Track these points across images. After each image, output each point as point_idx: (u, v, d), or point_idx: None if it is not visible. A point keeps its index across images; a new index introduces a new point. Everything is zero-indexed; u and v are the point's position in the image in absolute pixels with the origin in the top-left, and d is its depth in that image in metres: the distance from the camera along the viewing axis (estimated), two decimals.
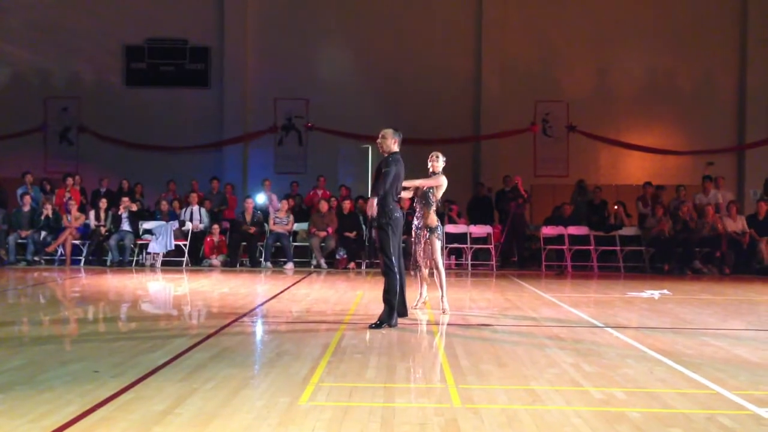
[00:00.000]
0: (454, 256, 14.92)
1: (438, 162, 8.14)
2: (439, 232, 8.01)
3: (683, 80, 18.00)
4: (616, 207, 15.18)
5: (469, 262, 14.56)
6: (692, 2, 17.94)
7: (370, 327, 6.78)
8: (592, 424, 3.81)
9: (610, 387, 4.62)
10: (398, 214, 7.18)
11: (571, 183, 16.83)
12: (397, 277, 7.05)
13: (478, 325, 7.18)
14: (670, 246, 14.28)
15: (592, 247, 14.46)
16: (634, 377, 4.91)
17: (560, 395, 4.40)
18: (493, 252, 14.58)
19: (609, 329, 6.91)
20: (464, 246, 14.65)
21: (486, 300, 9.46)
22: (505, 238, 14.93)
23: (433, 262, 8.02)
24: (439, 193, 8.04)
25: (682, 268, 13.99)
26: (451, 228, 14.66)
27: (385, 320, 6.85)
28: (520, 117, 17.93)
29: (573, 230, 14.74)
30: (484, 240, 14.89)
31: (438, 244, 7.96)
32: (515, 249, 15.20)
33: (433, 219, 7.96)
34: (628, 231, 14.88)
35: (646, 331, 6.82)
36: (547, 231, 14.83)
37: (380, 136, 7.43)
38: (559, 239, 14.70)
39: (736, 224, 14.31)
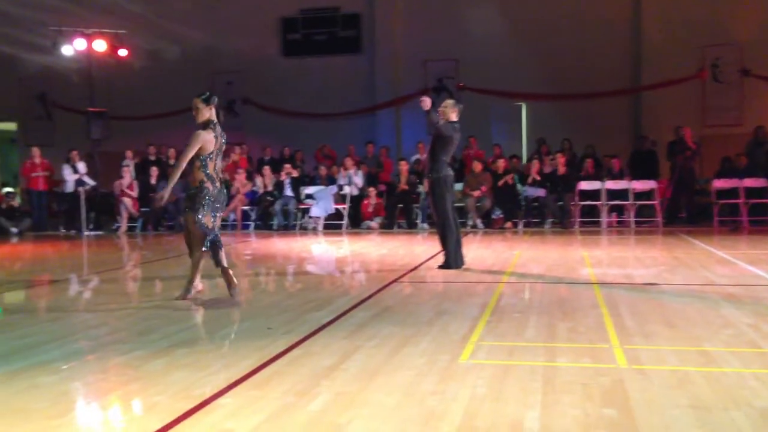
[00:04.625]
0: (615, 213, 14.37)
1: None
2: (204, 193, 6.10)
3: None
4: None
5: (632, 219, 13.94)
6: None
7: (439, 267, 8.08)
8: None
9: None
10: (450, 172, 8.10)
11: (745, 132, 15.55)
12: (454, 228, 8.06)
13: (643, 284, 6.88)
14: None
15: None
16: None
17: (736, 357, 4.14)
18: (658, 208, 13.87)
19: None
20: (626, 203, 14.04)
21: (652, 258, 9.04)
22: (672, 193, 14.13)
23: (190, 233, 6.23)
24: (207, 148, 6.21)
25: None
26: (611, 184, 14.13)
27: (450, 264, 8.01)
28: (686, 64, 16.75)
29: (749, 183, 13.67)
30: (647, 195, 14.19)
31: (201, 207, 6.10)
32: (683, 204, 14.36)
33: (197, 177, 6.18)
34: None
35: None
36: (720, 184, 13.87)
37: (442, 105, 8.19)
38: (732, 193, 13.71)
39: None
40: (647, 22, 16.96)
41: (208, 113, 6.30)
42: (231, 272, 6.28)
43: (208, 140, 6.18)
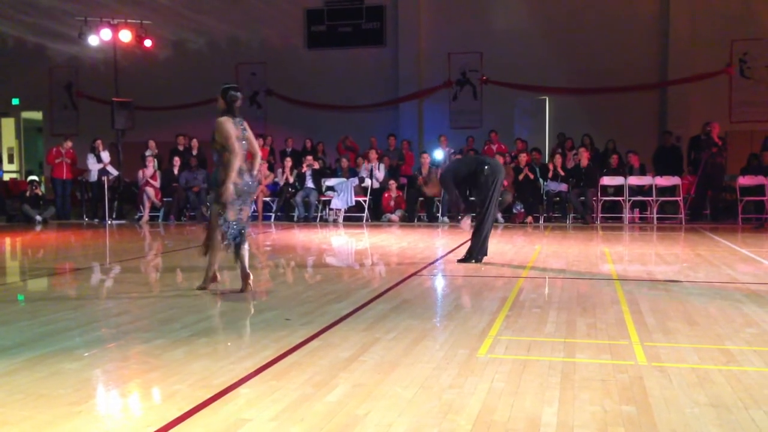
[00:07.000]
0: (637, 209, 14.25)
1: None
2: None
3: None
4: None
5: (655, 216, 13.82)
6: None
7: (459, 261, 8.13)
8: None
9: None
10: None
11: None
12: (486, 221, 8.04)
13: (665, 281, 6.83)
14: None
15: None
16: None
17: (758, 356, 4.10)
18: (681, 204, 13.72)
19: None
20: (649, 199, 13.91)
21: (674, 255, 8.95)
22: (696, 190, 13.98)
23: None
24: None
25: None
26: (634, 180, 14.02)
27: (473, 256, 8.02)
28: (713, 59, 16.55)
29: None
30: (671, 191, 14.04)
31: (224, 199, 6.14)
32: (708, 201, 14.20)
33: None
34: None
35: None
36: (745, 181, 13.70)
37: None
38: (758, 190, 13.53)
39: None
40: (675, 16, 16.76)
41: (222, 104, 6.29)
42: (251, 280, 6.25)
43: (230, 127, 6.17)
